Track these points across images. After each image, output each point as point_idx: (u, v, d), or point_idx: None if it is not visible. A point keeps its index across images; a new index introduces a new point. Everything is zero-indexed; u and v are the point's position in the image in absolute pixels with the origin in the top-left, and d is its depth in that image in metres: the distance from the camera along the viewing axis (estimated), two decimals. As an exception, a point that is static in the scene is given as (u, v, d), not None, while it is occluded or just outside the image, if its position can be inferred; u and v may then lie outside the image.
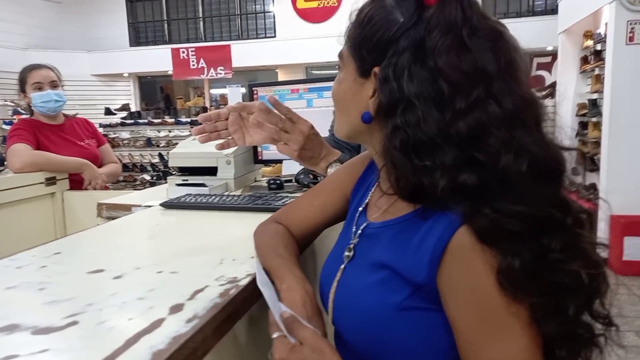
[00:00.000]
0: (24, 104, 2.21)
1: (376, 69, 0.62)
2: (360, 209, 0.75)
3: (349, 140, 0.74)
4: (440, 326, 0.56)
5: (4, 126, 6.14)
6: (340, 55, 0.70)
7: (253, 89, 1.93)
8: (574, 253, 0.52)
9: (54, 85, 2.23)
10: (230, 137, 1.13)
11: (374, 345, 0.60)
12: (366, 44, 0.63)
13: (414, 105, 0.56)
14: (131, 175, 7.35)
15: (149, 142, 7.47)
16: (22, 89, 2.26)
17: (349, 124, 0.70)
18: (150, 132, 7.48)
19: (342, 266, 0.70)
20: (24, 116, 6.34)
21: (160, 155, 7.41)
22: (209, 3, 9.02)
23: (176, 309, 0.65)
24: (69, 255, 0.94)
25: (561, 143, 0.57)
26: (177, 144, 6.97)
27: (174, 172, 1.83)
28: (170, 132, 7.44)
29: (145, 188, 5.84)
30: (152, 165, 7.47)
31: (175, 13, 9.20)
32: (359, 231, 0.71)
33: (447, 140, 0.55)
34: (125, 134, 7.51)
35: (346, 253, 0.71)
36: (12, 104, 6.40)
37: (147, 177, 7.24)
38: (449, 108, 0.55)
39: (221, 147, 1.14)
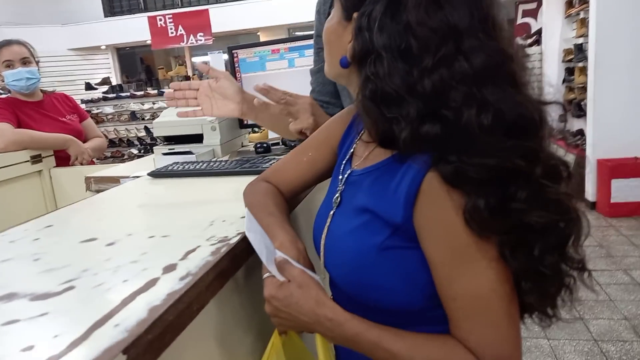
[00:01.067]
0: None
1: (355, 14, 0.63)
2: (347, 157, 0.76)
3: (335, 81, 0.75)
4: (419, 263, 0.59)
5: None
6: None
7: (233, 51, 1.90)
8: (538, 202, 0.54)
9: (25, 61, 2.17)
10: (198, 107, 1.17)
11: (360, 284, 0.64)
12: None
13: (382, 57, 0.57)
14: (119, 151, 7.28)
15: (134, 116, 7.37)
16: (-7, 67, 2.20)
17: (333, 66, 0.71)
18: (134, 106, 7.36)
19: (331, 212, 0.73)
20: (2, 94, 6.21)
21: (146, 128, 7.32)
22: (183, -34, 8.71)
23: (169, 268, 0.67)
24: (61, 227, 0.95)
25: (541, 97, 0.57)
26: (162, 115, 6.73)
27: (160, 142, 1.83)
28: (154, 104, 7.33)
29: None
30: (139, 139, 7.39)
31: (149, -21, 8.89)
32: (344, 178, 0.73)
33: (412, 94, 0.56)
34: (108, 109, 7.39)
35: (334, 199, 0.73)
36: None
37: (134, 151, 7.18)
38: (417, 64, 0.56)
39: (184, 114, 1.16)
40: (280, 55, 1.83)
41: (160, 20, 7.42)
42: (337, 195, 0.73)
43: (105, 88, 7.70)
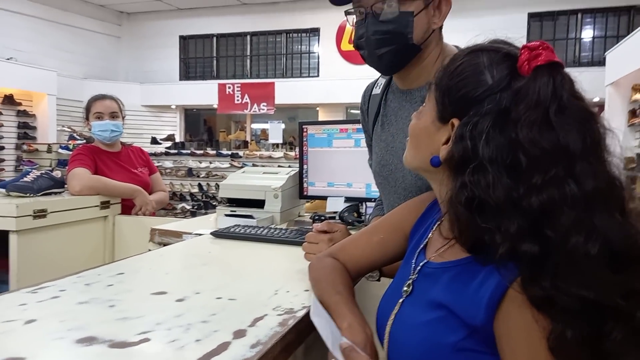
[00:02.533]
0: (83, 131, 2.34)
1: (454, 121, 0.65)
2: (421, 246, 0.76)
3: (415, 172, 0.78)
4: None
5: (60, 150, 6.49)
6: (429, 90, 0.73)
7: (303, 126, 2.00)
8: (636, 347, 0.51)
9: (113, 115, 2.36)
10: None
11: None
12: (451, 94, 0.66)
13: (485, 168, 0.58)
14: (170, 204, 7.55)
15: (190, 172, 7.70)
16: (87, 117, 2.41)
17: (417, 160, 0.73)
18: (192, 163, 7.72)
19: (401, 300, 0.72)
20: (78, 141, 6.71)
21: (199, 185, 7.61)
22: (257, 42, 9.41)
23: (239, 334, 0.68)
24: (132, 276, 0.99)
25: None
26: (216, 175, 7.09)
27: (218, 203, 1.90)
28: (211, 163, 7.66)
29: (185, 216, 5.99)
30: (191, 194, 7.67)
31: (224, 51, 9.63)
32: (418, 268, 0.73)
33: (514, 210, 0.56)
34: (168, 163, 7.78)
35: (405, 288, 0.73)
36: (69, 130, 6.79)
37: (187, 206, 7.41)
38: (524, 181, 0.56)
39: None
40: (347, 134, 1.90)
41: (229, 87, 7.96)
42: (409, 283, 0.73)
43: (168, 144, 8.16)
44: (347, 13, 1.04)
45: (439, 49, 1.03)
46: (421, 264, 0.73)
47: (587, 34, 7.51)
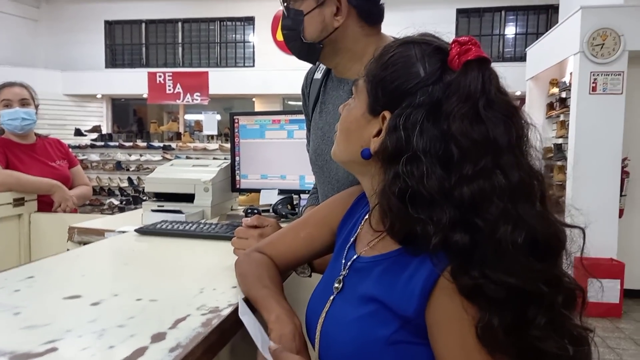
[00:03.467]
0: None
1: (386, 113, 0.65)
2: (350, 241, 0.76)
3: (343, 166, 0.76)
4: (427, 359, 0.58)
5: (-32, 142, 5.94)
6: (356, 84, 0.72)
7: (234, 117, 1.95)
8: (556, 332, 0.54)
9: (24, 103, 2.18)
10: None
11: None
12: (383, 86, 0.66)
13: (419, 159, 0.59)
14: (98, 199, 7.16)
15: (119, 166, 7.33)
16: (-8, 106, 2.21)
17: (347, 153, 0.72)
18: (120, 156, 7.35)
19: (332, 297, 0.71)
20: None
21: (129, 179, 7.27)
22: (189, 30, 9.09)
23: (158, 337, 0.64)
24: (43, 280, 0.92)
25: (563, 219, 0.60)
26: (148, 168, 6.81)
27: (146, 198, 1.81)
28: (141, 156, 7.33)
29: (113, 213, 5.70)
30: (121, 189, 7.31)
31: (154, 37, 9.22)
32: (349, 263, 0.72)
33: (446, 200, 0.57)
34: (94, 156, 7.36)
35: (335, 285, 0.72)
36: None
37: (115, 201, 7.06)
38: (456, 171, 0.58)
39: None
40: (280, 125, 1.88)
41: (160, 76, 7.63)
42: (339, 279, 0.72)
43: (94, 136, 7.72)
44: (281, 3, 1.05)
45: (364, 43, 1.03)
46: (352, 259, 0.73)
47: (510, 30, 7.94)
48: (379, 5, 1.03)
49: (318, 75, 1.18)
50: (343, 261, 0.74)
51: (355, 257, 0.72)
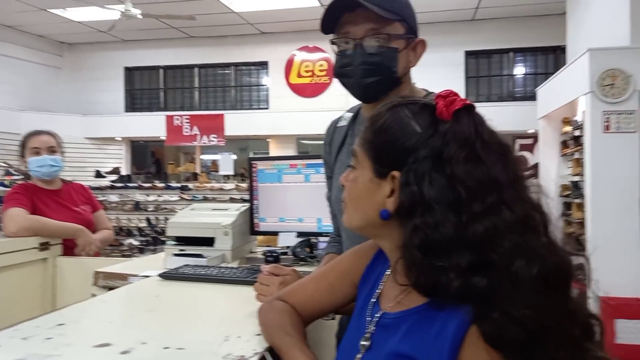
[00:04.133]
0: (20, 166, 2.22)
1: (395, 173, 0.68)
2: (374, 297, 0.77)
3: (359, 232, 0.78)
4: None
5: (-4, 186, 6.13)
6: (354, 153, 0.75)
7: (252, 162, 2.00)
8: None
9: (51, 150, 2.27)
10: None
11: None
12: (386, 149, 0.69)
13: (432, 208, 0.62)
14: (117, 240, 7.24)
15: (137, 206, 7.45)
16: (22, 154, 2.30)
17: (363, 219, 0.74)
18: (139, 196, 7.48)
19: (359, 356, 0.72)
20: (15, 177, 6.34)
21: (148, 219, 7.36)
22: (205, 74, 9.38)
23: (189, 387, 0.66)
24: (73, 327, 0.95)
25: (568, 247, 0.63)
26: (165, 208, 6.86)
27: (165, 240, 1.85)
28: (159, 196, 7.45)
29: (133, 253, 5.74)
30: (139, 229, 7.40)
31: (172, 82, 9.52)
32: (375, 320, 0.73)
33: (462, 243, 0.60)
34: (114, 197, 7.50)
35: (362, 342, 0.72)
36: (5, 165, 6.42)
37: (135, 242, 7.13)
38: (466, 212, 0.61)
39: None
40: (297, 170, 1.93)
41: (177, 119, 7.86)
42: (366, 337, 0.72)
43: (114, 177, 7.88)
44: (332, 42, 1.09)
45: (410, 87, 1.13)
46: (377, 315, 0.73)
47: (519, 70, 8.05)
48: None
49: (342, 123, 1.23)
50: (368, 317, 0.75)
51: (381, 313, 0.73)
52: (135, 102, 9.59)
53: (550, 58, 7.82)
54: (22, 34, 8.57)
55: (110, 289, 1.51)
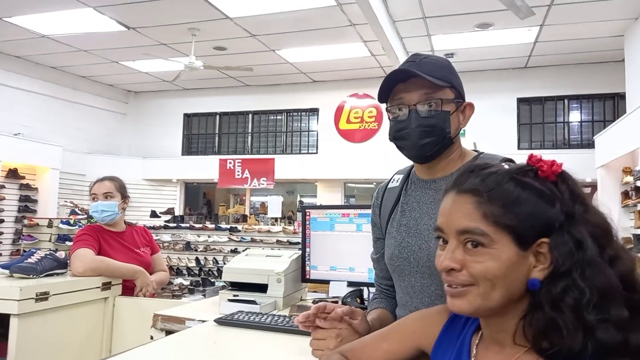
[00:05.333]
0: (84, 208, 2.37)
1: (544, 239, 0.69)
2: None
3: (484, 314, 0.74)
4: None
5: (61, 225, 6.49)
6: (482, 233, 0.70)
7: (306, 210, 2.05)
8: None
9: (107, 196, 2.40)
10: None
11: None
12: (530, 220, 0.69)
13: (595, 263, 0.66)
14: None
15: (188, 246, 7.66)
16: (91, 198, 2.47)
17: (506, 297, 0.70)
18: (190, 236, 7.71)
19: None
20: (79, 216, 6.73)
21: (197, 259, 7.54)
22: (258, 120, 9.76)
23: None
24: (140, 370, 1.00)
25: None
26: (214, 249, 7.00)
27: (215, 278, 1.90)
28: (209, 237, 7.65)
29: (183, 294, 5.86)
30: (188, 268, 7.58)
31: (226, 127, 9.96)
32: None
33: (617, 292, 0.64)
34: (166, 237, 7.76)
35: None
36: (71, 204, 6.85)
37: (184, 282, 7.30)
38: (606, 260, 0.66)
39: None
40: (349, 219, 1.96)
41: (230, 163, 8.13)
42: None
43: (168, 217, 8.19)
44: (387, 109, 1.16)
45: (461, 148, 1.18)
46: None
47: (575, 117, 7.83)
48: None
49: (394, 184, 1.26)
50: None
51: None
52: (192, 146, 10.06)
53: (608, 105, 7.58)
54: (94, 84, 9.31)
55: (168, 331, 1.57)
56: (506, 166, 0.75)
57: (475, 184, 0.73)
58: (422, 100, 1.10)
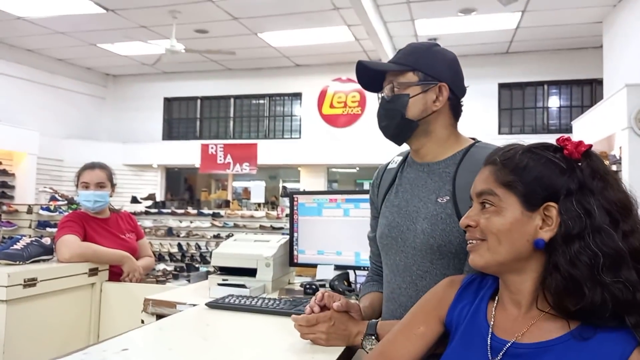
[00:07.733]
0: (64, 194, 2.33)
1: (550, 204, 0.76)
2: (489, 328, 0.80)
3: (495, 269, 0.82)
4: None
5: (41, 211, 6.38)
6: (491, 192, 0.81)
7: (294, 196, 2.08)
8: None
9: (100, 185, 2.38)
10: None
11: None
12: (539, 184, 0.78)
13: (602, 229, 0.72)
14: (149, 264, 7.39)
15: (170, 232, 7.63)
16: (76, 184, 2.44)
17: (512, 252, 0.78)
18: (172, 222, 7.66)
19: None
20: (59, 202, 6.61)
21: (179, 245, 7.52)
22: (240, 105, 9.68)
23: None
24: (137, 353, 1.02)
25: None
26: (197, 234, 6.99)
27: (198, 266, 1.92)
28: (191, 223, 7.62)
29: (167, 279, 5.84)
30: (170, 254, 7.55)
31: (208, 112, 9.86)
32: (503, 350, 0.76)
33: (625, 259, 0.71)
34: (148, 222, 7.70)
35: None
36: (51, 190, 6.73)
37: (168, 268, 7.27)
38: (620, 231, 0.72)
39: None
40: (337, 204, 1.99)
41: (212, 148, 8.08)
42: None
43: (149, 203, 8.12)
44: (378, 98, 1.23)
45: (448, 132, 1.18)
46: (505, 346, 0.76)
47: (554, 102, 7.99)
48: (461, 104, 1.21)
49: (392, 165, 1.30)
50: (490, 348, 0.77)
51: (510, 343, 0.76)
52: (173, 130, 9.94)
53: (586, 91, 7.75)
54: (71, 67, 9.09)
55: (159, 315, 1.59)
56: (541, 144, 0.83)
57: (497, 156, 0.83)
58: (386, 85, 1.18)
